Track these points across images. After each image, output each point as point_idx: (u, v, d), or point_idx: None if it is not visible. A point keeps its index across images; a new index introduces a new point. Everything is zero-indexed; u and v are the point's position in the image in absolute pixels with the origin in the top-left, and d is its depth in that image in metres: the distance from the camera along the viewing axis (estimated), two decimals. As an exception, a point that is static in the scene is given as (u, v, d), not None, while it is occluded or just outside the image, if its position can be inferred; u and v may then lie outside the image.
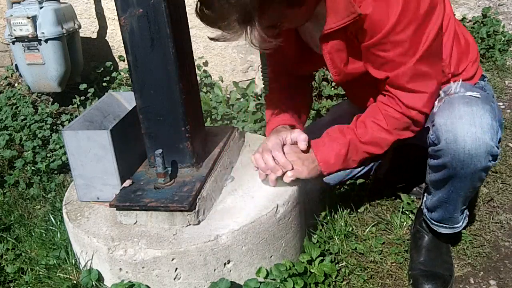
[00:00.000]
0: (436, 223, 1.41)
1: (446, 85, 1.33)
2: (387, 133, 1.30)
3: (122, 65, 2.98)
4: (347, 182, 1.81)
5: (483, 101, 1.22)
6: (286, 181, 1.32)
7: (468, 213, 1.41)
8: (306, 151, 1.35)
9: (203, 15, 1.07)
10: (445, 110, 1.22)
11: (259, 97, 2.47)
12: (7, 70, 3.18)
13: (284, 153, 1.33)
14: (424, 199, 1.43)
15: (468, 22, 2.95)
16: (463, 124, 1.17)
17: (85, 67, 2.86)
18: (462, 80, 1.34)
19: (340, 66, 1.32)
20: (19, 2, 2.58)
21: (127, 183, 1.35)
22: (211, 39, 1.14)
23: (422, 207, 1.46)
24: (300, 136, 1.34)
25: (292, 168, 1.31)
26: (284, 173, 1.32)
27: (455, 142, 1.17)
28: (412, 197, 1.72)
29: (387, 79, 1.25)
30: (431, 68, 1.22)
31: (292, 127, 1.44)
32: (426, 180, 1.37)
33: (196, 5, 1.08)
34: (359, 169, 1.76)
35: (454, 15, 1.39)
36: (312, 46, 1.40)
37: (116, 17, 1.34)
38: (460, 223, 1.39)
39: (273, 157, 1.32)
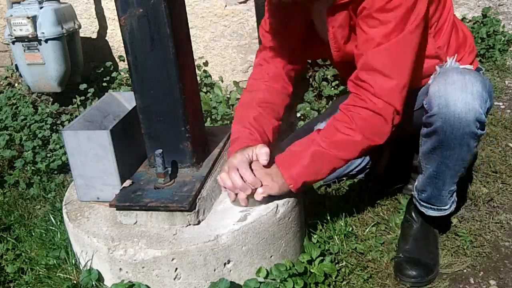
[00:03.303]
0: (424, 204, 1.43)
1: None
2: (356, 133, 1.25)
3: (122, 65, 2.98)
4: (347, 181, 1.82)
5: (475, 73, 1.28)
6: (258, 199, 1.26)
7: (456, 198, 1.43)
8: (268, 166, 1.28)
9: None
10: (439, 78, 1.28)
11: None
12: (7, 70, 3.18)
13: (252, 170, 1.26)
14: (415, 182, 1.45)
15: (468, 22, 2.95)
16: (455, 89, 1.22)
17: (85, 67, 2.86)
18: None
19: (340, 42, 1.35)
20: (19, 2, 2.58)
21: (127, 183, 1.35)
22: None
23: (412, 192, 1.48)
24: (261, 150, 1.28)
25: (262, 185, 1.26)
26: (254, 191, 1.26)
27: (446, 106, 1.22)
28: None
29: (361, 60, 1.25)
30: (406, 58, 1.23)
31: None
32: (418, 157, 1.40)
33: None
34: (355, 164, 1.77)
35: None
36: (318, 24, 1.43)
37: (116, 17, 1.34)
38: (448, 206, 1.42)
39: (240, 175, 1.25)
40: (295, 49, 1.49)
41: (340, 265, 1.44)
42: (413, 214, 1.51)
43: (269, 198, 1.29)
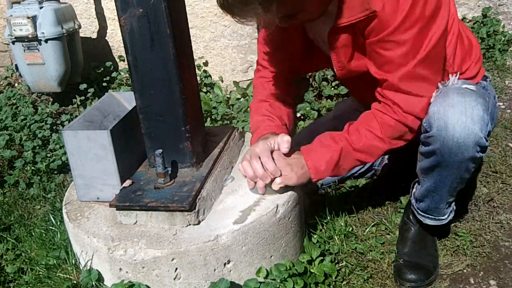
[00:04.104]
0: (422, 213, 1.43)
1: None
2: (381, 141, 1.29)
3: (122, 65, 2.98)
4: (347, 182, 1.82)
5: (477, 94, 1.25)
6: (275, 188, 1.30)
7: (455, 207, 1.42)
8: (288, 155, 1.32)
9: (225, 3, 1.08)
10: (439, 98, 1.24)
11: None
12: (7, 70, 3.18)
13: (273, 159, 1.30)
14: (414, 190, 1.45)
15: (468, 22, 2.95)
16: (455, 112, 1.19)
17: (85, 67, 2.86)
18: (465, 79, 1.35)
19: (344, 61, 1.33)
20: (19, 2, 2.58)
21: (127, 183, 1.35)
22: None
23: (410, 198, 1.47)
24: (283, 138, 1.32)
25: (281, 175, 1.29)
26: (272, 180, 1.29)
27: (445, 129, 1.19)
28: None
29: (386, 82, 1.25)
30: (431, 73, 1.23)
31: None
32: (416, 169, 1.38)
33: None
34: (359, 167, 1.77)
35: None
36: (318, 42, 1.41)
37: (116, 17, 1.34)
38: (446, 216, 1.41)
39: (262, 163, 1.29)
40: (293, 64, 1.49)
41: (340, 265, 1.44)
42: (411, 217, 1.50)
43: (286, 188, 1.32)
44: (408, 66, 1.20)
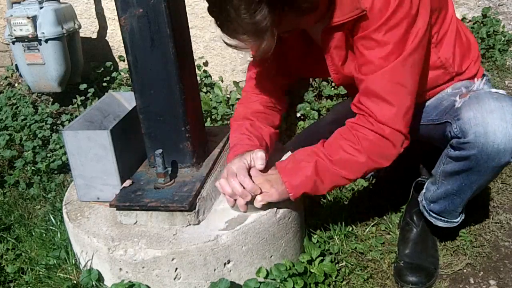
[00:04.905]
0: (434, 215, 1.41)
1: (463, 82, 1.33)
2: (359, 154, 1.22)
3: (122, 65, 2.98)
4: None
5: (510, 98, 1.23)
6: (257, 206, 1.25)
7: (464, 210, 1.41)
8: (265, 171, 1.28)
9: (223, 28, 1.09)
10: (474, 104, 1.21)
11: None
12: (7, 70, 3.18)
13: (251, 176, 1.26)
14: (424, 191, 1.43)
15: (468, 22, 2.95)
16: (494, 118, 1.16)
17: (85, 67, 2.86)
18: (465, 79, 1.34)
19: (338, 64, 1.31)
20: (19, 2, 2.58)
21: (127, 183, 1.35)
22: (228, 45, 1.15)
23: (419, 199, 1.45)
24: (257, 155, 1.27)
25: (261, 192, 1.25)
26: (253, 198, 1.25)
27: (485, 136, 1.16)
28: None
29: (362, 86, 1.21)
30: (408, 81, 1.19)
31: None
32: (435, 171, 1.35)
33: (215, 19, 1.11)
34: None
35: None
36: (317, 42, 1.40)
37: (116, 17, 1.34)
38: (458, 219, 1.40)
39: (240, 182, 1.24)
40: (288, 65, 1.46)
41: (340, 265, 1.44)
42: (414, 218, 1.49)
43: (269, 205, 1.27)
44: (386, 68, 1.17)
